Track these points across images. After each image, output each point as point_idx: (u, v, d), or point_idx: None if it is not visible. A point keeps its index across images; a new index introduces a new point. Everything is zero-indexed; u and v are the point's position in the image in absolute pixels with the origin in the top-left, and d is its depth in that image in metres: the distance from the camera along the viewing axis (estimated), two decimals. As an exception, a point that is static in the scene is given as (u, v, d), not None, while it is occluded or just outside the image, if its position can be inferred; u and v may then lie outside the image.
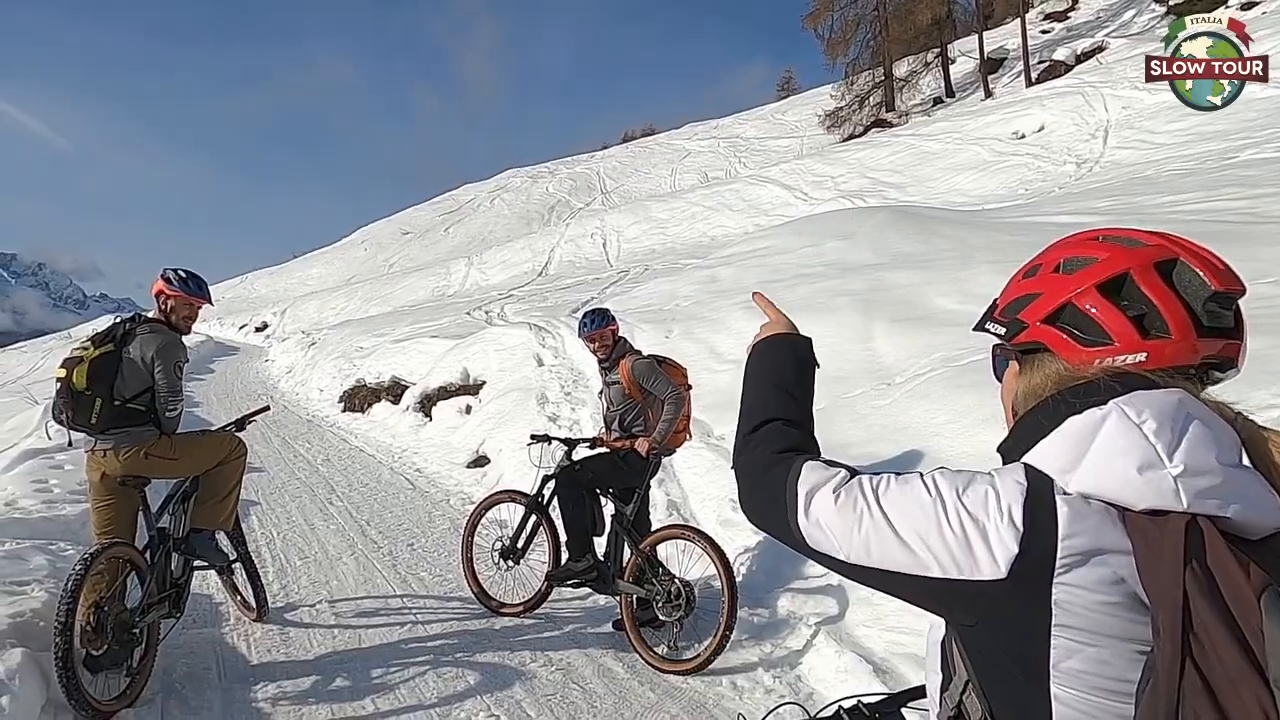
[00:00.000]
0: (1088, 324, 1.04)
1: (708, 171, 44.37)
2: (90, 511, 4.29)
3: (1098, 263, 1.06)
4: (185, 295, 4.41)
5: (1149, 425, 0.93)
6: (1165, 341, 0.99)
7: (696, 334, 8.84)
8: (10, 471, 7.32)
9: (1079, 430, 0.98)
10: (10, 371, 41.43)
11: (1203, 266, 1.01)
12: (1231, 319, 1.01)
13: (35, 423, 13.69)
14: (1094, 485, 0.94)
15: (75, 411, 4.01)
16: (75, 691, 3.54)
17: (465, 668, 4.36)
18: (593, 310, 5.24)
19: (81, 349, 4.12)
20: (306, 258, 68.98)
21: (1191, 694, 0.80)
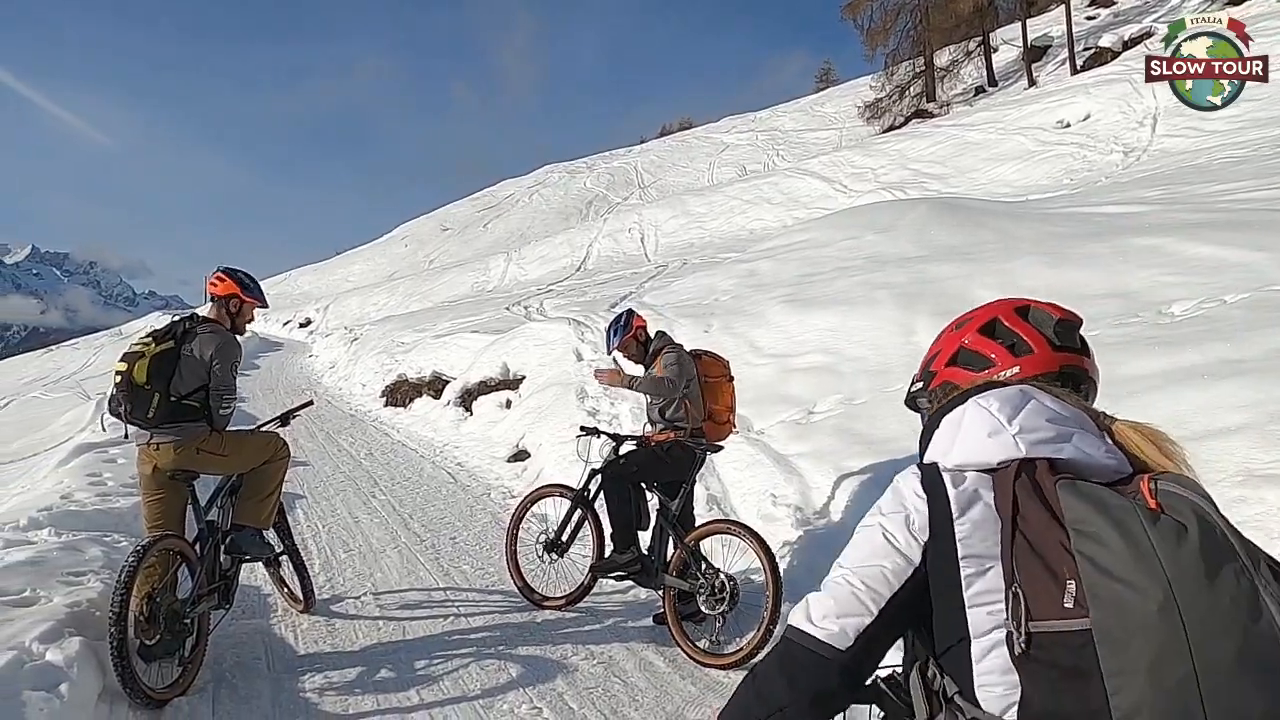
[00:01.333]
0: (974, 357, 1.49)
1: (746, 165, 44.15)
2: (141, 505, 4.40)
3: (975, 316, 1.53)
4: (255, 300, 4.59)
5: (994, 406, 1.30)
6: (1031, 357, 1.43)
7: (736, 328, 8.81)
8: (66, 465, 7.54)
9: (950, 421, 1.36)
10: (64, 368, 42.53)
11: (1048, 307, 1.48)
12: (1078, 341, 1.46)
13: (89, 418, 14.07)
14: (963, 456, 1.30)
15: (134, 405, 4.12)
16: (130, 679, 3.64)
17: (507, 660, 4.40)
18: (610, 324, 5.24)
19: (142, 344, 4.21)
20: (348, 254, 69.87)
21: (1021, 553, 1.18)
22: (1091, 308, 6.60)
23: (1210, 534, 1.09)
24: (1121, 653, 1.06)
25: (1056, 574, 1.13)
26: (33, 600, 4.11)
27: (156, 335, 4.28)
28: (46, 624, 3.75)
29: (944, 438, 1.35)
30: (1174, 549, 1.08)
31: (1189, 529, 1.10)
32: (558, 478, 7.61)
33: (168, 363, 4.17)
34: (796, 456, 6.23)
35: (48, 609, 3.98)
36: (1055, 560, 1.14)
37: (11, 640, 3.55)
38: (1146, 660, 1.05)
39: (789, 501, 5.79)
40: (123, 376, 4.12)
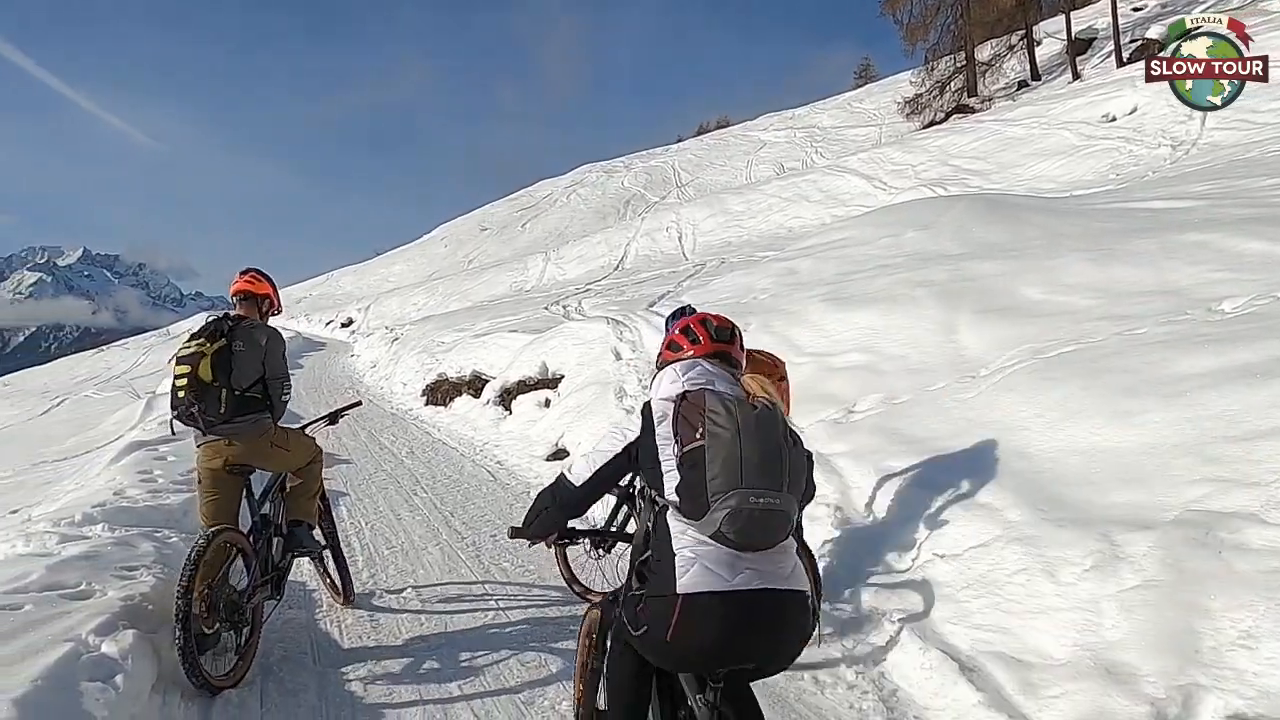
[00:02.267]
0: (675, 345, 2.77)
1: (784, 162, 43.91)
2: (199, 499, 4.54)
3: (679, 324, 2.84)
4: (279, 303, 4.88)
5: (678, 369, 2.64)
6: (699, 345, 2.71)
7: (775, 327, 8.77)
8: (118, 462, 7.73)
9: (658, 378, 2.71)
10: (114, 367, 43.51)
11: (714, 317, 2.81)
12: (728, 336, 2.75)
13: (138, 416, 14.39)
14: (661, 394, 2.59)
15: (205, 403, 4.29)
16: (193, 667, 3.78)
17: (548, 655, 4.44)
18: (670, 315, 5.26)
19: (198, 345, 4.37)
20: (389, 255, 70.68)
21: (679, 422, 2.44)
22: (1139, 305, 6.50)
23: (770, 411, 2.45)
24: (715, 453, 2.33)
25: (695, 426, 2.39)
26: (88, 594, 4.23)
27: (208, 334, 4.42)
28: (101, 617, 3.85)
29: (655, 386, 2.69)
30: (748, 414, 2.40)
31: (758, 409, 2.43)
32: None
33: (225, 359, 4.35)
34: (836, 456, 6.19)
35: (102, 603, 4.09)
36: (695, 422, 2.40)
37: (69, 632, 3.65)
38: (723, 456, 2.33)
39: (828, 501, 5.76)
40: (188, 378, 4.29)
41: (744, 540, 2.33)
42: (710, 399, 2.41)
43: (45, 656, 3.36)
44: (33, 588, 4.20)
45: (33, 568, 4.47)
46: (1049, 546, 4.23)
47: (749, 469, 2.30)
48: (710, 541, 2.35)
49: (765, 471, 2.32)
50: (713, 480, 2.31)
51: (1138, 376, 5.29)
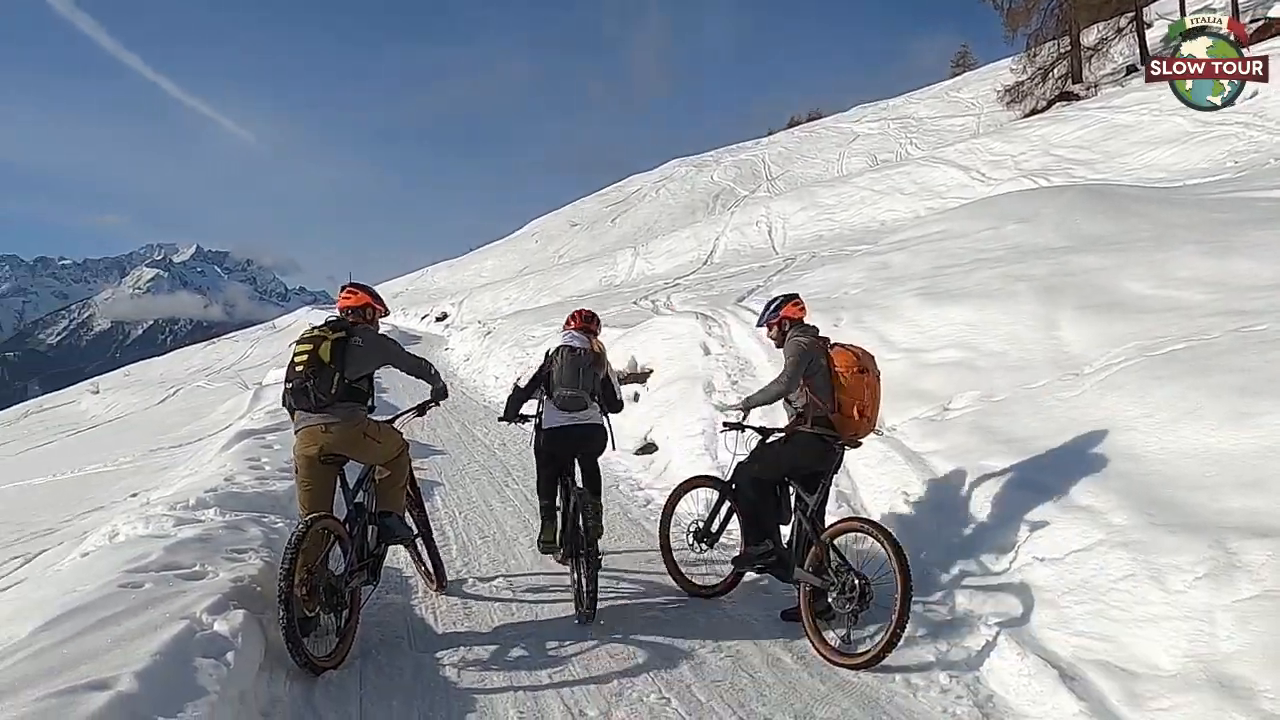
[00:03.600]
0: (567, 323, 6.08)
1: (877, 154, 42.99)
2: (296, 486, 4.75)
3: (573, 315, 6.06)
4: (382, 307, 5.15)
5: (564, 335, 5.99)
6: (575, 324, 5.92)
7: (866, 322, 8.62)
8: (228, 450, 8.10)
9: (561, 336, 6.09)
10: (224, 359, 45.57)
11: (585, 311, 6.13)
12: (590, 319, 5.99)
13: (246, 406, 15.03)
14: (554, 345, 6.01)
15: (318, 380, 4.50)
16: (297, 647, 3.96)
17: (636, 647, 4.47)
18: (768, 303, 5.25)
19: (320, 331, 4.62)
20: (482, 250, 72.03)
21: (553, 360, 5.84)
22: (1258, 300, 6.17)
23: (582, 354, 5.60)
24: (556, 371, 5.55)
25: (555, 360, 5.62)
26: (201, 574, 4.46)
27: (331, 325, 4.70)
28: (214, 597, 4.05)
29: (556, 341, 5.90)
30: (571, 355, 5.57)
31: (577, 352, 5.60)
32: (686, 470, 7.65)
33: (342, 349, 4.58)
34: (930, 454, 6.06)
35: (215, 583, 4.31)
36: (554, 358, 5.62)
37: (184, 610, 3.85)
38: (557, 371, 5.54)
39: (922, 500, 5.65)
40: (309, 355, 4.53)
41: (563, 405, 5.53)
42: (564, 349, 5.63)
43: (163, 633, 3.55)
44: (152, 567, 4.44)
45: (152, 549, 4.74)
46: (1157, 552, 4.05)
47: (564, 378, 5.53)
48: (555, 407, 5.56)
49: (570, 378, 5.51)
50: (556, 383, 5.55)
51: (1256, 375, 5.02)
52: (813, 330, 5.08)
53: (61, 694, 2.89)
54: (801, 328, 5.07)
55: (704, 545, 5.37)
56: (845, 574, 4.45)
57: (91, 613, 3.72)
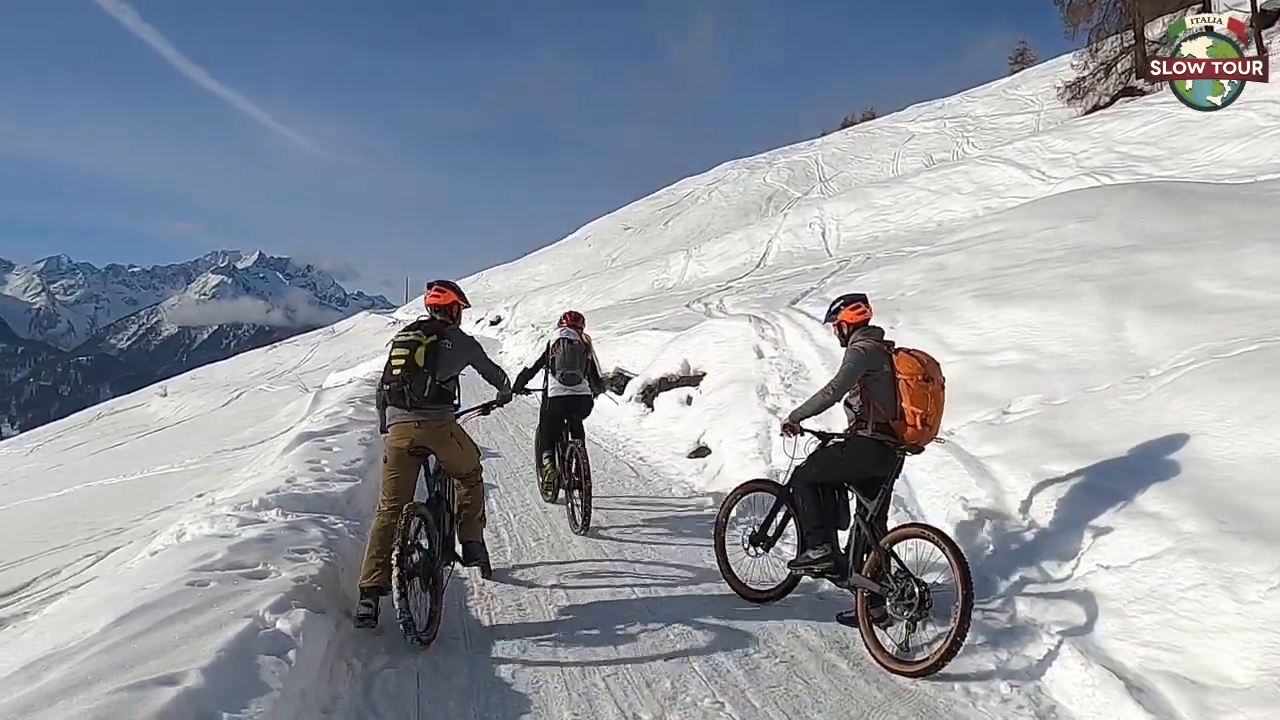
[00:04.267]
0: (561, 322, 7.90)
1: (933, 154, 42.36)
2: (383, 475, 5.03)
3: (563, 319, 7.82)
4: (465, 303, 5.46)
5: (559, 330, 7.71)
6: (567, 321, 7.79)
7: (923, 324, 8.49)
8: (290, 452, 8.27)
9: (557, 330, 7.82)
10: (285, 363, 46.58)
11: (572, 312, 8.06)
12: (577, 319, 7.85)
13: (307, 409, 15.34)
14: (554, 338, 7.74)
15: (414, 383, 4.86)
16: (410, 622, 4.36)
17: (690, 652, 4.46)
18: (832, 302, 5.19)
19: (415, 336, 4.96)
20: (536, 254, 72.56)
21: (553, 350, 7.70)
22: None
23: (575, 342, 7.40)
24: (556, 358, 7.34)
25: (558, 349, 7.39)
26: (264, 574, 4.55)
27: (423, 329, 5.04)
28: (276, 596, 4.14)
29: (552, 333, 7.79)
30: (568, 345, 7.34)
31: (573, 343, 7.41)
32: (739, 474, 7.62)
33: (434, 352, 4.93)
34: (989, 459, 5.94)
35: (277, 582, 4.40)
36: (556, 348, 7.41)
37: (248, 609, 3.95)
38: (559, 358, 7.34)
39: (981, 505, 5.54)
40: (406, 360, 4.87)
41: (564, 380, 7.29)
42: (563, 341, 7.39)
43: (228, 630, 3.64)
44: (217, 566, 4.56)
45: (217, 548, 4.86)
46: (1230, 561, 3.92)
47: (564, 361, 7.28)
48: (558, 382, 7.30)
49: (568, 362, 7.29)
50: (558, 365, 7.31)
51: (1336, 378, 4.84)
52: (877, 333, 4.97)
53: (133, 688, 2.98)
54: (866, 331, 4.96)
55: (760, 550, 5.33)
56: (904, 580, 4.38)
57: (160, 610, 3.82)
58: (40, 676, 3.20)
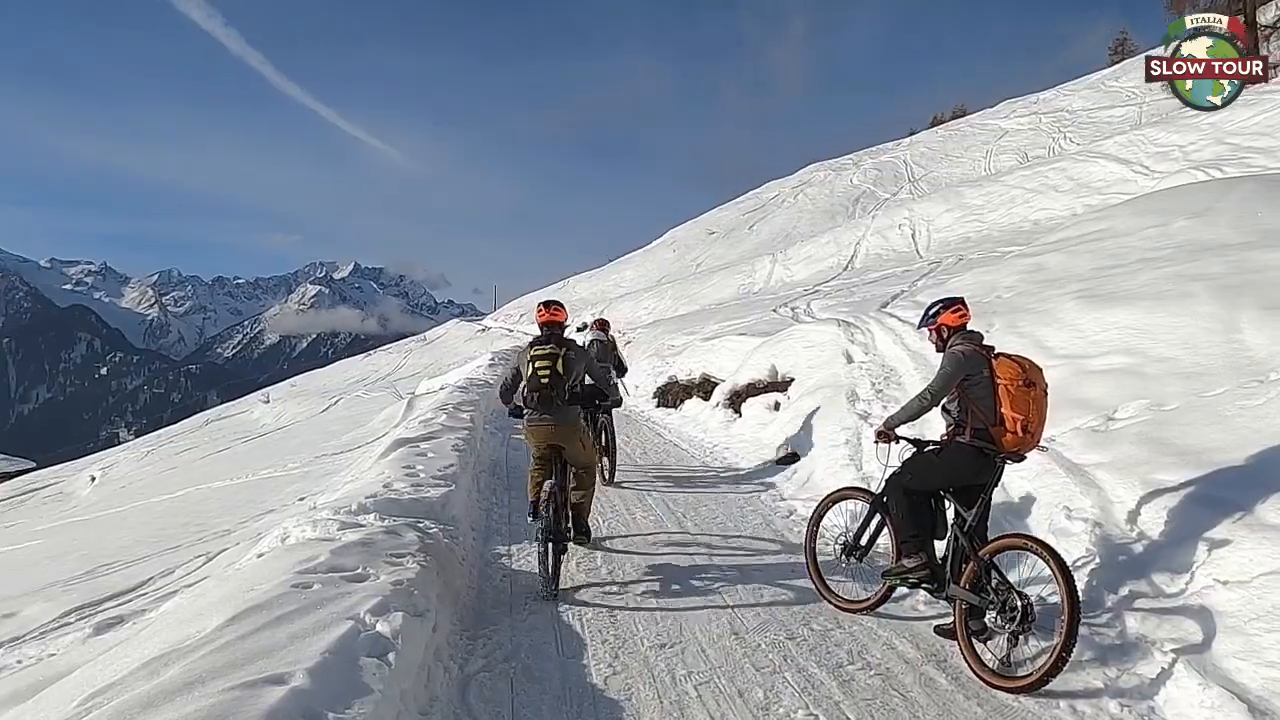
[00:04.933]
0: None
1: (1028, 151, 41.03)
2: (530, 465, 6.17)
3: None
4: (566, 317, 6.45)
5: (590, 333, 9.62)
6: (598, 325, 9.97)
7: (1021, 327, 8.21)
8: (386, 458, 8.49)
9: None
10: (380, 370, 47.93)
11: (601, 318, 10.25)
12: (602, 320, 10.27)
13: (401, 414, 15.73)
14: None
15: (556, 390, 5.89)
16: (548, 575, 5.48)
17: (783, 663, 4.41)
18: (928, 306, 5.09)
19: (551, 349, 6.00)
20: (620, 261, 72.99)
21: None
22: None
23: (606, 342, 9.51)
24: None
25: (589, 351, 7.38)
26: (364, 577, 4.68)
27: (554, 342, 6.08)
28: (375, 599, 4.25)
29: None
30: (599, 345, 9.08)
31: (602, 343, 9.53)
32: (829, 481, 7.51)
33: (566, 362, 5.95)
34: (1094, 467, 5.71)
35: (376, 586, 4.52)
36: None
37: (349, 611, 4.06)
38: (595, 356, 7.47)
39: (1085, 516, 5.33)
40: (550, 369, 5.92)
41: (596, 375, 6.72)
42: (594, 342, 9.40)
43: (331, 632, 3.76)
44: (320, 569, 4.70)
45: (319, 551, 5.02)
46: (1362, 578, 3.68)
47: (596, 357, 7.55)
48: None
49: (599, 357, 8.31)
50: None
51: None
52: (977, 337, 4.85)
53: (244, 687, 3.10)
54: (965, 335, 4.84)
55: (853, 559, 5.25)
56: (1006, 593, 4.24)
57: (268, 611, 3.97)
58: (160, 673, 3.36)
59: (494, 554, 6.51)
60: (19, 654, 6.60)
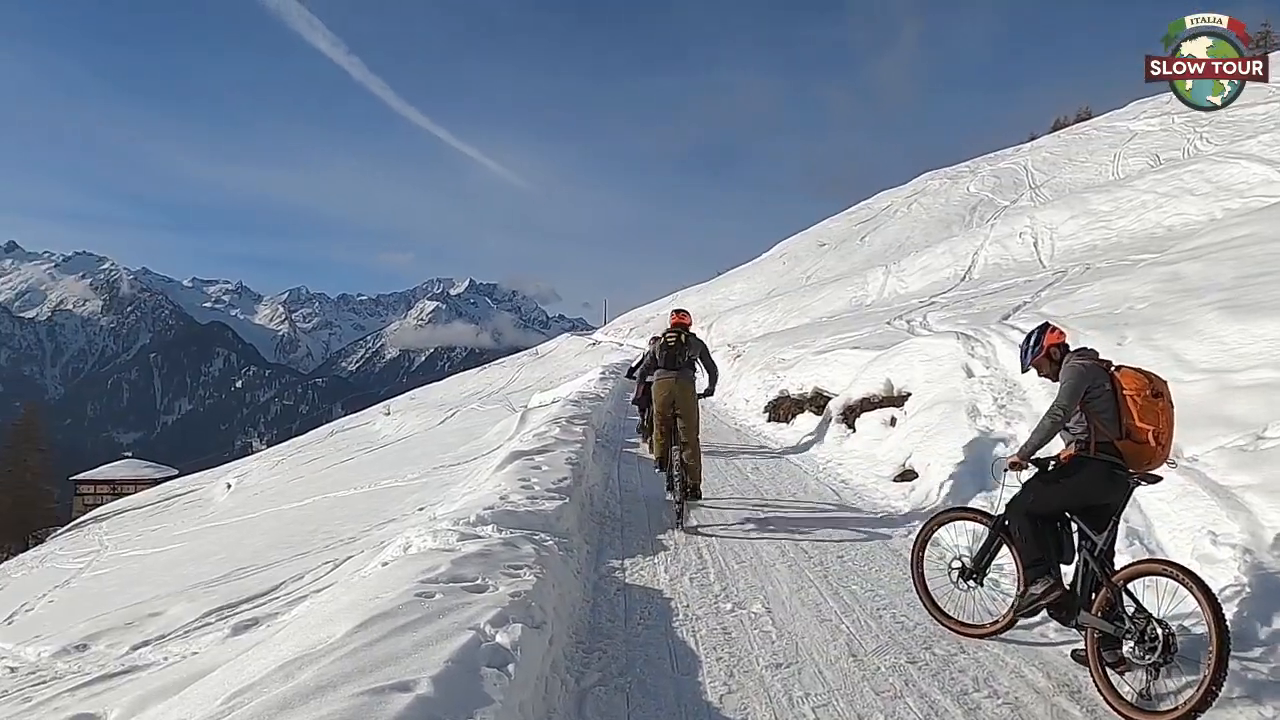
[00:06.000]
0: None
1: (1159, 153, 38.93)
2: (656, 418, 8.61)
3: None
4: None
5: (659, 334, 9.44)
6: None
7: (1156, 340, 7.77)
8: (502, 470, 8.67)
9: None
10: (494, 383, 49.09)
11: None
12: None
13: (514, 428, 16.05)
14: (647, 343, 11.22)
15: (679, 354, 8.47)
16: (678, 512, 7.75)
17: (904, 687, 4.28)
18: (1024, 340, 4.98)
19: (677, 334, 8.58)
20: (729, 274, 72.82)
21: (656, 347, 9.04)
22: None
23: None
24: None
25: None
26: (483, 588, 4.78)
27: (678, 332, 8.61)
28: (495, 609, 4.33)
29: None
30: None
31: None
32: (949, 499, 7.29)
33: (686, 342, 8.57)
34: (1242, 489, 5.35)
35: (495, 597, 4.61)
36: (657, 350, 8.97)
37: (470, 622, 4.15)
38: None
39: (1233, 541, 4.99)
40: (677, 340, 8.54)
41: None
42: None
43: (454, 641, 3.85)
44: (441, 579, 4.83)
45: (440, 561, 5.16)
46: None
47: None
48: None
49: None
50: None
51: None
52: (1091, 352, 4.68)
53: (373, 692, 3.21)
54: (1077, 351, 4.69)
55: (972, 584, 5.06)
56: (1144, 621, 4.01)
57: (394, 619, 4.10)
58: (294, 676, 3.51)
59: (608, 568, 6.56)
60: (166, 650, 7.03)
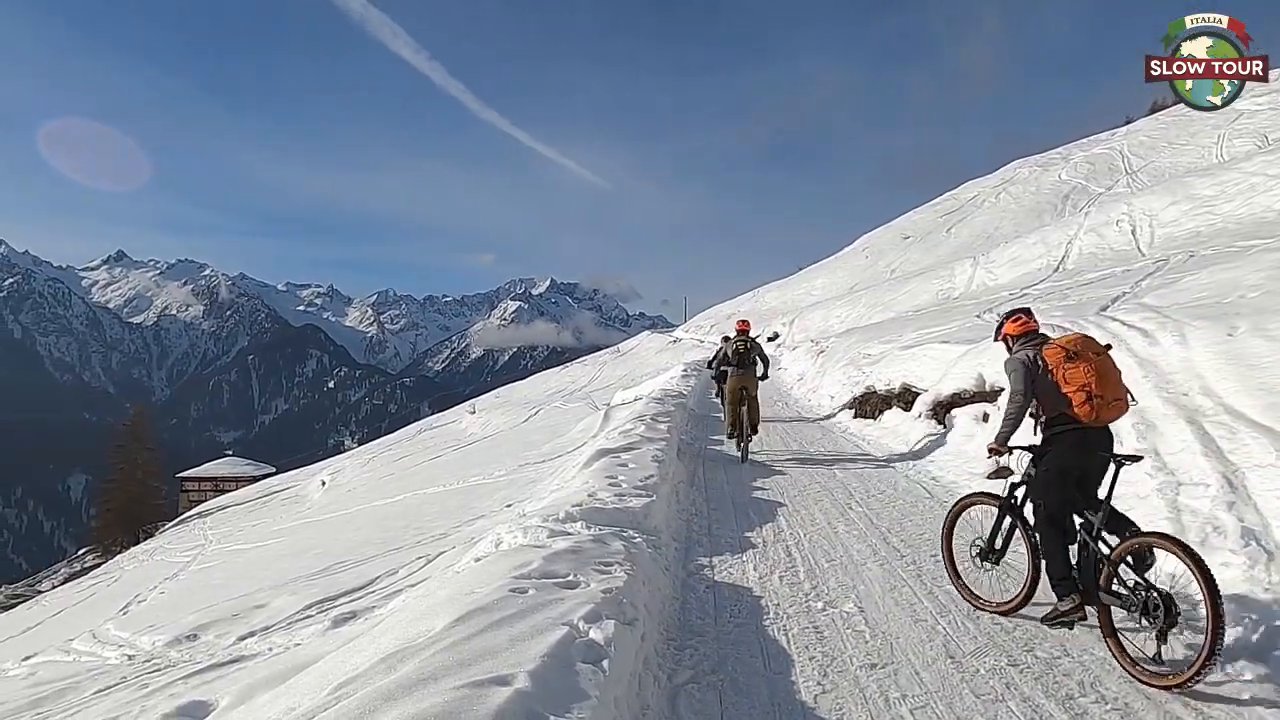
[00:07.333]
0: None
1: (1268, 133, 36.94)
2: (726, 407, 11.90)
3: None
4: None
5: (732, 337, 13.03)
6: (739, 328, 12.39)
7: (1271, 330, 7.36)
8: (589, 468, 8.75)
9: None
10: (576, 381, 49.55)
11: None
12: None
13: (598, 425, 16.18)
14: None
15: (748, 358, 11.63)
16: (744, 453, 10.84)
17: (1005, 690, 4.16)
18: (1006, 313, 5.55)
19: (743, 340, 11.73)
20: (810, 269, 71.99)
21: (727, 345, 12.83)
22: None
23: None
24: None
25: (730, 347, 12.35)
26: (575, 584, 4.83)
27: (744, 339, 11.79)
28: (588, 606, 4.37)
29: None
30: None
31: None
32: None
33: (751, 346, 11.68)
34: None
35: (587, 593, 4.65)
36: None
37: (563, 617, 4.20)
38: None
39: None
40: (746, 347, 11.69)
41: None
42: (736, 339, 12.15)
43: (548, 636, 3.90)
44: (534, 575, 4.91)
45: (532, 557, 5.24)
46: None
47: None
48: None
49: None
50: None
51: None
52: (1041, 337, 5.11)
53: (472, 685, 3.27)
54: (1026, 340, 5.12)
55: (990, 564, 5.42)
56: (1145, 591, 4.21)
57: (489, 613, 4.17)
58: (396, 668, 3.60)
59: (696, 565, 6.55)
60: (270, 641, 7.29)
